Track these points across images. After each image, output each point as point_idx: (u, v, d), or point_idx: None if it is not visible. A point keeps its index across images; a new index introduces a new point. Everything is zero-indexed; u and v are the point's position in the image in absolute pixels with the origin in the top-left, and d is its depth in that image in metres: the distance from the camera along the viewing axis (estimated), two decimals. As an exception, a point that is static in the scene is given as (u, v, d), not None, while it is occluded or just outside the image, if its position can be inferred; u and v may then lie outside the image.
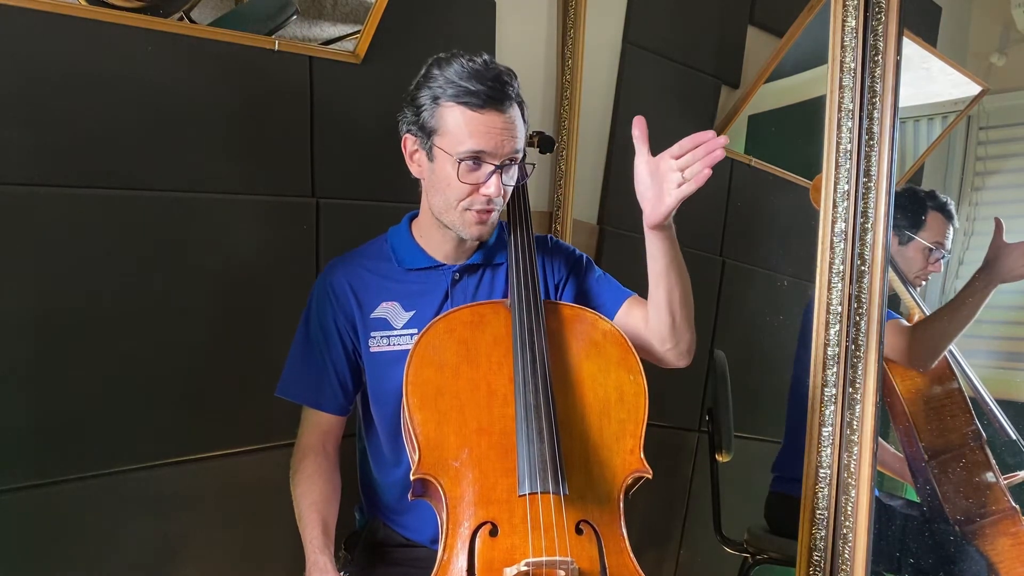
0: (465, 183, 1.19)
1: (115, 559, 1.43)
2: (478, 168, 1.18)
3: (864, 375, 1.41)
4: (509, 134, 1.18)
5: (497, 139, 1.17)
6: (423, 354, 1.15)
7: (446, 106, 1.18)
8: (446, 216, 1.23)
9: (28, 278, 1.31)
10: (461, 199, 1.20)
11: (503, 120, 1.18)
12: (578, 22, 2.04)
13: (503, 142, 1.17)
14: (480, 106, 1.16)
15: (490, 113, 1.17)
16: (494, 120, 1.17)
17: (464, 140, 1.17)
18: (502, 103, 1.17)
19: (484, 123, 1.17)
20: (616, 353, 1.20)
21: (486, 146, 1.17)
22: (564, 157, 2.07)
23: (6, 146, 1.27)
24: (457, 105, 1.17)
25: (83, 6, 1.33)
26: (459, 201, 1.20)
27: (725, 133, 2.36)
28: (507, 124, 1.18)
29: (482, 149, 1.17)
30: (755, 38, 2.44)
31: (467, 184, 1.19)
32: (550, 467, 1.06)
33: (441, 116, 1.18)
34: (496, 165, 1.18)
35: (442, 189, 1.22)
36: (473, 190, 1.19)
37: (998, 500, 1.71)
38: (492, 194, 1.19)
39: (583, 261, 1.39)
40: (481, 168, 1.18)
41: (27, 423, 1.32)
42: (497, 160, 1.18)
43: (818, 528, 1.45)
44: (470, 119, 1.17)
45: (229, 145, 1.52)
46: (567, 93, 2.06)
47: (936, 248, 1.88)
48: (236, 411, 1.55)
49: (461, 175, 1.18)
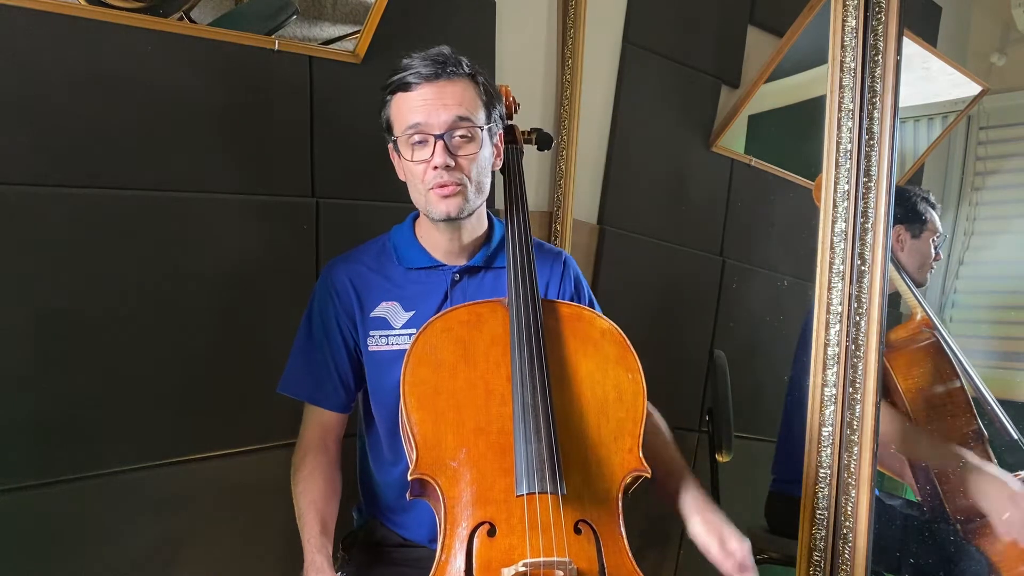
0: (417, 162, 1.21)
1: (115, 559, 1.43)
2: (425, 145, 1.20)
3: (864, 375, 1.41)
4: (443, 102, 1.19)
5: (430, 108, 1.19)
6: (420, 353, 1.15)
7: (392, 99, 1.23)
8: (420, 205, 1.26)
9: (28, 278, 1.31)
10: (420, 180, 1.22)
11: (436, 90, 1.19)
12: (578, 22, 2.04)
13: (437, 110, 1.19)
14: (411, 84, 1.20)
15: (422, 87, 1.19)
16: (426, 92, 1.19)
17: (403, 119, 1.21)
18: (436, 76, 1.19)
19: (416, 98, 1.20)
20: (614, 352, 1.20)
21: (420, 117, 1.19)
22: (564, 157, 2.07)
23: (6, 146, 1.27)
24: (396, 92, 1.22)
25: (83, 6, 1.33)
26: (420, 183, 1.22)
27: (725, 133, 2.37)
28: (440, 93, 1.19)
29: (417, 121, 1.19)
30: (755, 38, 2.44)
31: (418, 162, 1.21)
32: (548, 467, 1.06)
33: (390, 109, 1.23)
34: (435, 135, 1.19)
35: (409, 180, 1.25)
36: (426, 167, 1.21)
37: (999, 500, 1.70)
38: (438, 164, 1.19)
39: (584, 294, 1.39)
40: (427, 144, 1.20)
41: (27, 423, 1.32)
42: (436, 129, 1.19)
43: (818, 528, 1.45)
44: (405, 100, 1.21)
45: (229, 145, 1.52)
46: (567, 93, 2.06)
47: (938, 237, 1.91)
48: (235, 411, 1.55)
49: (410, 155, 1.21)
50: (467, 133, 1.21)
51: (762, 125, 2.44)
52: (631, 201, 2.24)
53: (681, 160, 2.34)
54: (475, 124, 1.22)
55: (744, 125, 2.43)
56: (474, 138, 1.22)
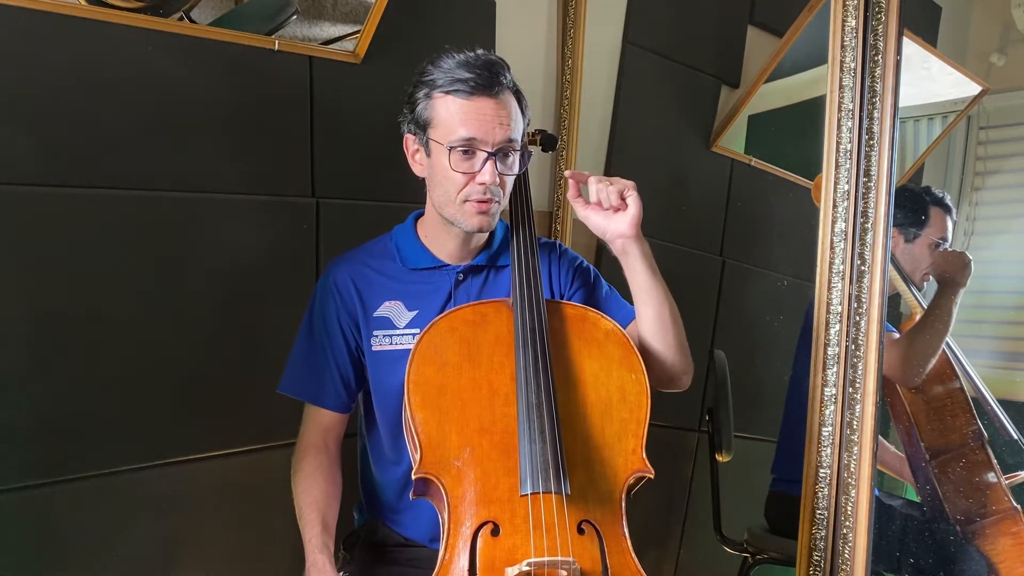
0: (459, 172, 1.19)
1: (115, 559, 1.43)
2: (472, 156, 1.19)
3: (864, 375, 1.41)
4: (500, 120, 1.18)
5: (488, 125, 1.17)
6: (425, 353, 1.15)
7: (437, 97, 1.19)
8: (447, 210, 1.23)
9: (28, 278, 1.31)
10: (459, 190, 1.20)
11: (493, 106, 1.18)
12: (578, 22, 2.04)
13: (494, 128, 1.18)
14: (469, 93, 1.17)
15: (479, 99, 1.17)
16: (484, 106, 1.17)
17: (455, 128, 1.18)
18: (492, 89, 1.18)
19: (474, 109, 1.17)
20: (618, 352, 1.20)
21: (476, 132, 1.17)
22: (564, 157, 2.07)
23: (6, 146, 1.27)
24: (447, 95, 1.18)
25: (83, 6, 1.33)
26: (457, 192, 1.21)
27: (725, 133, 2.37)
28: (498, 110, 1.18)
29: (473, 136, 1.17)
30: (755, 38, 2.44)
31: (462, 173, 1.19)
32: (552, 467, 1.06)
33: (433, 108, 1.20)
34: (489, 152, 1.18)
35: (440, 182, 1.22)
36: (469, 179, 1.19)
37: (999, 500, 1.71)
38: (487, 181, 1.19)
39: (591, 273, 1.39)
40: (475, 156, 1.18)
41: (27, 423, 1.32)
42: (489, 147, 1.18)
43: (818, 528, 1.45)
44: (460, 106, 1.17)
45: (229, 145, 1.52)
46: (567, 93, 2.06)
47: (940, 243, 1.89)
48: (235, 411, 1.55)
49: (454, 164, 1.18)
50: (512, 153, 1.22)
51: (762, 125, 2.44)
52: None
53: (681, 160, 2.34)
54: (518, 146, 1.22)
55: (744, 125, 2.43)
56: (516, 157, 1.23)
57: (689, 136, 2.35)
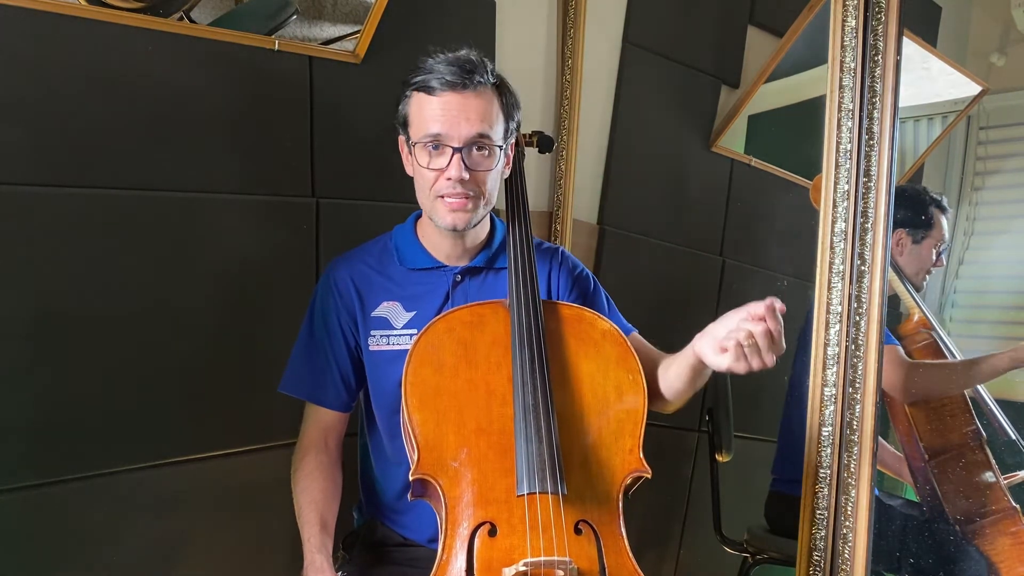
0: (431, 169, 1.20)
1: (115, 559, 1.43)
2: (441, 153, 1.19)
3: (864, 375, 1.41)
4: (466, 116, 1.18)
5: (453, 120, 1.17)
6: (422, 354, 1.15)
7: (412, 96, 1.21)
8: (426, 207, 1.25)
9: (28, 278, 1.31)
10: (430, 186, 1.21)
11: (460, 101, 1.18)
12: (578, 22, 2.04)
13: (459, 123, 1.18)
14: (435, 89, 1.18)
15: (446, 95, 1.18)
16: (450, 101, 1.18)
17: (423, 124, 1.19)
18: (462, 86, 1.18)
19: (440, 105, 1.18)
20: (615, 352, 1.20)
21: (441, 128, 1.18)
22: (564, 157, 2.07)
23: (6, 146, 1.27)
24: (417, 92, 1.20)
25: (83, 6, 1.33)
26: (430, 188, 1.21)
27: (725, 133, 2.37)
28: (464, 105, 1.18)
29: (438, 132, 1.18)
30: (755, 38, 2.44)
31: (431, 170, 1.20)
32: (548, 467, 1.06)
33: (408, 106, 1.22)
34: (454, 147, 1.18)
35: (417, 181, 1.24)
36: (438, 175, 1.20)
37: (998, 500, 1.71)
38: (452, 176, 1.18)
39: (591, 282, 1.39)
40: (443, 152, 1.19)
41: (27, 423, 1.32)
42: (455, 142, 1.18)
43: (818, 528, 1.45)
44: (427, 102, 1.19)
45: (229, 145, 1.52)
46: (567, 93, 2.06)
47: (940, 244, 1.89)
48: (236, 411, 1.55)
49: (422, 159, 1.20)
50: (485, 149, 1.21)
51: (762, 125, 2.44)
52: (631, 201, 2.24)
53: (681, 160, 2.34)
54: (494, 142, 1.21)
55: (744, 125, 2.43)
56: (491, 153, 1.22)
57: (689, 136, 2.35)
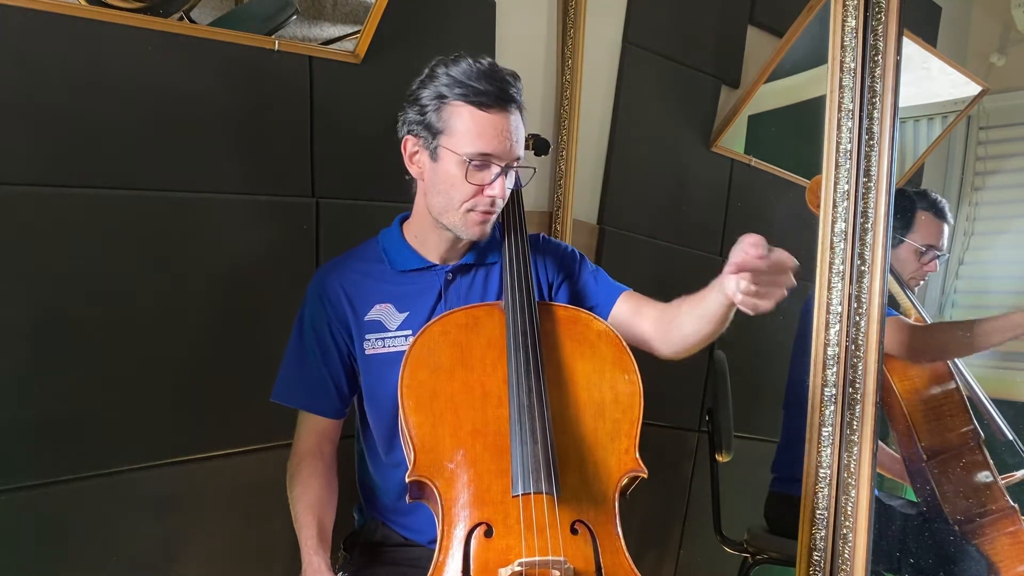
0: (471, 184, 1.19)
1: (115, 559, 1.44)
2: (485, 169, 1.19)
3: (864, 375, 1.41)
4: (516, 138, 1.20)
5: (506, 142, 1.18)
6: (418, 356, 1.15)
7: (454, 105, 1.18)
8: (446, 217, 1.23)
9: (28, 278, 1.31)
10: (465, 200, 1.21)
11: (510, 122, 1.19)
12: (578, 22, 2.04)
13: (511, 145, 1.19)
14: (489, 106, 1.17)
15: (497, 114, 1.18)
16: (501, 122, 1.18)
17: (473, 140, 1.17)
18: (508, 105, 1.18)
19: (492, 124, 1.17)
20: (611, 353, 1.20)
21: (495, 149, 1.18)
22: (564, 157, 2.07)
23: (6, 146, 1.27)
24: (466, 104, 1.17)
25: (83, 6, 1.33)
26: (463, 202, 1.21)
27: (725, 133, 2.37)
28: (515, 126, 1.20)
29: (492, 152, 1.18)
30: (755, 38, 2.44)
31: (473, 185, 1.19)
32: (543, 468, 1.06)
33: (448, 116, 1.19)
34: (502, 167, 1.19)
35: (445, 190, 1.22)
36: (478, 191, 1.20)
37: (997, 499, 1.71)
38: (496, 195, 1.19)
39: (576, 258, 1.39)
40: (488, 169, 1.19)
41: (27, 423, 1.32)
42: (503, 162, 1.19)
43: (818, 528, 1.45)
44: (480, 119, 1.17)
45: (229, 145, 1.52)
46: (567, 93, 2.06)
47: (927, 249, 1.85)
48: (236, 411, 1.55)
49: (469, 176, 1.19)
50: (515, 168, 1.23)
51: (762, 125, 2.44)
52: (631, 201, 2.24)
53: (681, 160, 2.34)
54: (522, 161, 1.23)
55: (744, 125, 2.43)
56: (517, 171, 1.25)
57: (689, 136, 2.35)
